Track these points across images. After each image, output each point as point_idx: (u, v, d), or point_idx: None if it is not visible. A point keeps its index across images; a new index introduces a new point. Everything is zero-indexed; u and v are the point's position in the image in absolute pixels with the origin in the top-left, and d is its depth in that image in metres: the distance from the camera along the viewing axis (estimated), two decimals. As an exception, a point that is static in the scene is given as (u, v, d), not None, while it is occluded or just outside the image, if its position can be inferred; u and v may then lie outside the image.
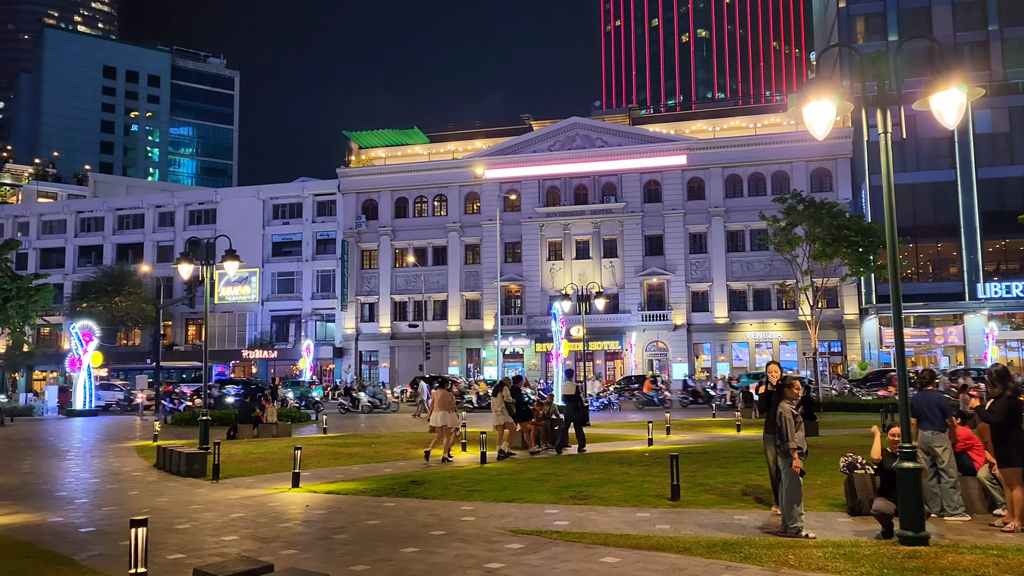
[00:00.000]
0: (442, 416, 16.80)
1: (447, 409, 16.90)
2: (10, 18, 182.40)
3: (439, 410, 16.89)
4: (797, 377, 10.16)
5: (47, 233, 72.24)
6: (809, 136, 54.82)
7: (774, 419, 9.41)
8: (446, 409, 16.89)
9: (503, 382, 18.52)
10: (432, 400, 17.53)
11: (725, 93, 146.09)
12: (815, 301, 41.20)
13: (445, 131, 69.66)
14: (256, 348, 63.97)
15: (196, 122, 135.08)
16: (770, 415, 9.94)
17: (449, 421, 16.84)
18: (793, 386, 9.19)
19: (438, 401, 17.08)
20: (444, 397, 17.12)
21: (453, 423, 17.01)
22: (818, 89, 8.26)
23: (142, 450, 20.47)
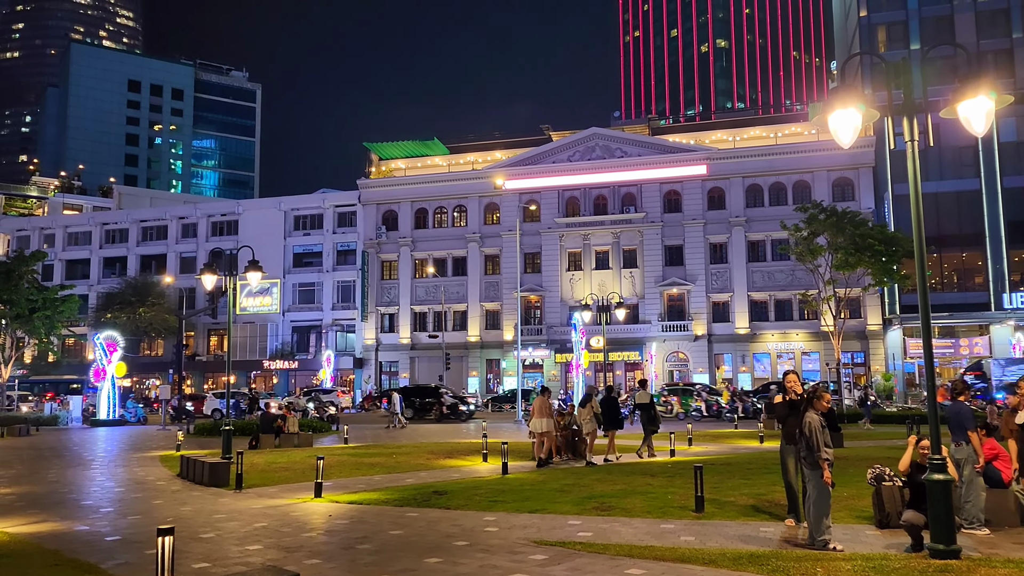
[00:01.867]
0: (544, 422, 17.96)
1: (546, 415, 18.06)
2: (37, 34, 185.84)
3: (539, 416, 18.01)
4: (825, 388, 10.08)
5: (72, 245, 73.21)
6: (830, 145, 54.72)
7: (795, 430, 9.31)
8: (545, 415, 18.04)
9: (590, 393, 19.63)
10: (533, 407, 18.66)
11: (745, 103, 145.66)
12: (838, 311, 40.80)
13: (465, 142, 69.97)
14: (277, 358, 64.34)
15: (219, 134, 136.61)
16: (791, 425, 9.84)
17: (548, 426, 18.04)
18: (823, 397, 9.13)
19: (537, 408, 18.24)
20: (543, 404, 18.30)
21: (551, 428, 18.13)
22: (843, 97, 8.20)
23: (165, 459, 20.61)
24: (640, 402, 20.59)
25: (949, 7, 54.27)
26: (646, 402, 20.44)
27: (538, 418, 18.06)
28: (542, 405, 18.23)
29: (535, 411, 18.30)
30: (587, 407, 18.86)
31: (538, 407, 18.23)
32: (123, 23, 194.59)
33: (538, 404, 18.35)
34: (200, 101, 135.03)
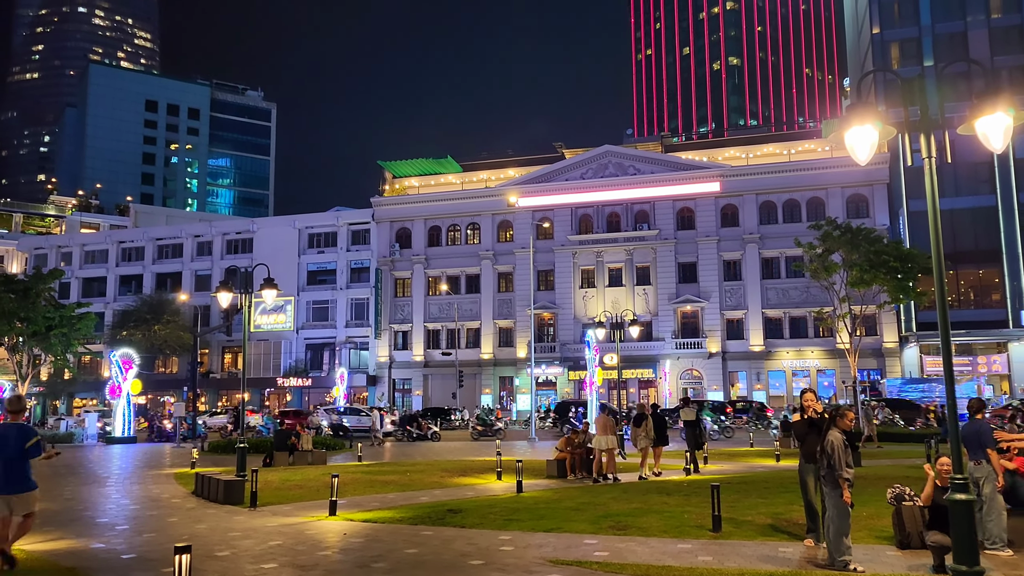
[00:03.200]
0: (608, 440, 18.54)
1: (609, 433, 18.60)
2: (57, 55, 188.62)
3: (603, 433, 18.55)
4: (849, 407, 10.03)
5: (89, 263, 73.85)
6: (844, 162, 54.49)
7: (814, 448, 9.23)
8: (609, 433, 18.59)
9: (642, 411, 20.05)
10: (596, 425, 19.17)
11: (758, 120, 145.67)
12: (853, 328, 40.50)
13: (478, 160, 70.27)
14: (291, 376, 64.49)
15: (234, 153, 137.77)
16: (810, 444, 9.76)
17: (612, 443, 18.63)
18: (847, 416, 9.07)
19: (601, 426, 18.74)
20: (607, 422, 18.79)
21: (610, 445, 18.62)
22: (860, 114, 8.19)
23: (180, 477, 20.64)
24: (686, 419, 21.03)
25: (962, 24, 54.21)
26: (692, 419, 20.87)
27: (602, 435, 18.57)
28: (606, 423, 18.72)
29: (599, 428, 18.81)
30: (643, 426, 19.43)
31: (602, 425, 18.73)
32: (141, 44, 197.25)
33: (602, 422, 18.84)
34: (216, 120, 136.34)
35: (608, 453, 18.49)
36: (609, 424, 18.80)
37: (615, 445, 18.93)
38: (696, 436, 20.51)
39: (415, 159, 68.81)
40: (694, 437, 20.45)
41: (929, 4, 55.10)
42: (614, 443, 18.81)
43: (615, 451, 18.99)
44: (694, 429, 20.55)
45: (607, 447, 18.48)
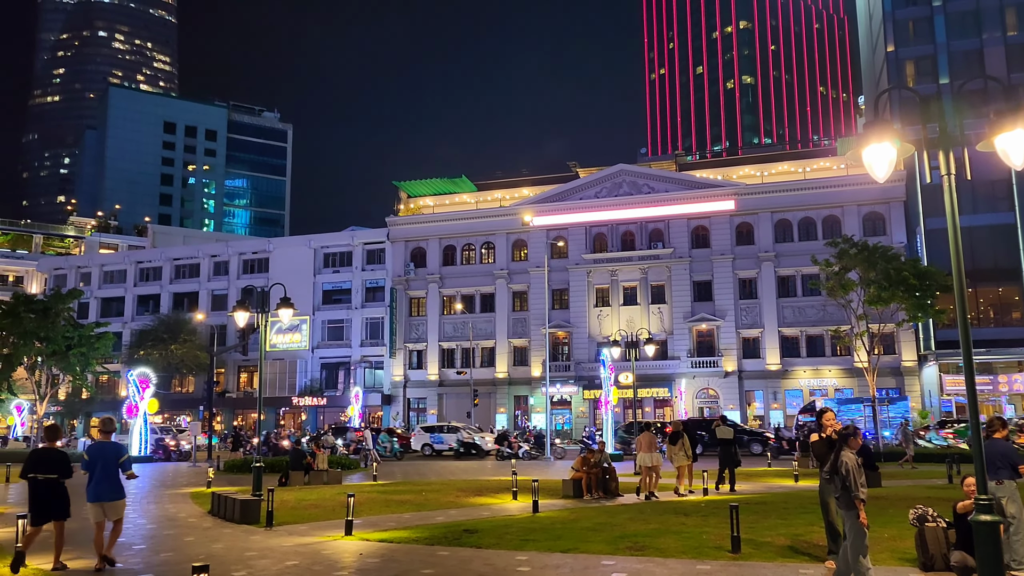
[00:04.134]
0: (650, 457, 18.88)
1: (652, 450, 19.02)
2: (78, 78, 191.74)
3: (646, 451, 18.98)
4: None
5: (108, 283, 74.54)
6: (860, 180, 54.22)
7: (836, 467, 9.14)
8: (652, 450, 19.01)
9: (678, 429, 20.26)
10: (640, 442, 19.67)
11: (772, 138, 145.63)
12: (871, 347, 40.15)
13: (492, 179, 70.52)
14: (306, 395, 64.61)
15: (250, 174, 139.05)
16: (833, 463, 9.65)
17: (656, 461, 18.94)
18: (856, 435, 8.97)
19: (646, 443, 19.22)
20: (650, 439, 19.33)
21: (658, 463, 18.99)
22: (877, 132, 8.17)
23: (196, 496, 20.67)
24: (722, 437, 21.25)
25: (978, 41, 54.09)
26: (728, 437, 21.12)
27: (645, 452, 18.96)
28: (651, 440, 19.19)
29: (642, 446, 19.22)
30: (679, 443, 19.65)
31: (646, 442, 19.14)
32: (160, 67, 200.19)
33: (646, 439, 19.29)
34: (233, 141, 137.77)
35: (654, 470, 18.88)
36: (653, 441, 19.25)
37: (659, 462, 19.16)
38: (732, 455, 20.69)
39: (430, 179, 69.17)
40: (730, 456, 20.61)
41: (944, 22, 55.07)
42: (659, 460, 19.08)
43: (659, 468, 19.33)
44: (729, 448, 20.76)
45: (652, 464, 18.84)
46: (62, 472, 10.51)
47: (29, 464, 10.51)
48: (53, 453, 10.62)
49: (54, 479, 10.43)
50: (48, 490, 10.37)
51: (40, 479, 10.38)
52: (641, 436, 19.77)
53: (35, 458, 10.55)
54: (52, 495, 10.37)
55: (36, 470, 10.41)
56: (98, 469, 10.56)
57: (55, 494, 10.40)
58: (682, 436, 19.88)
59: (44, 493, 10.36)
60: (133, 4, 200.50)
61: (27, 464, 10.55)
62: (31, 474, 10.41)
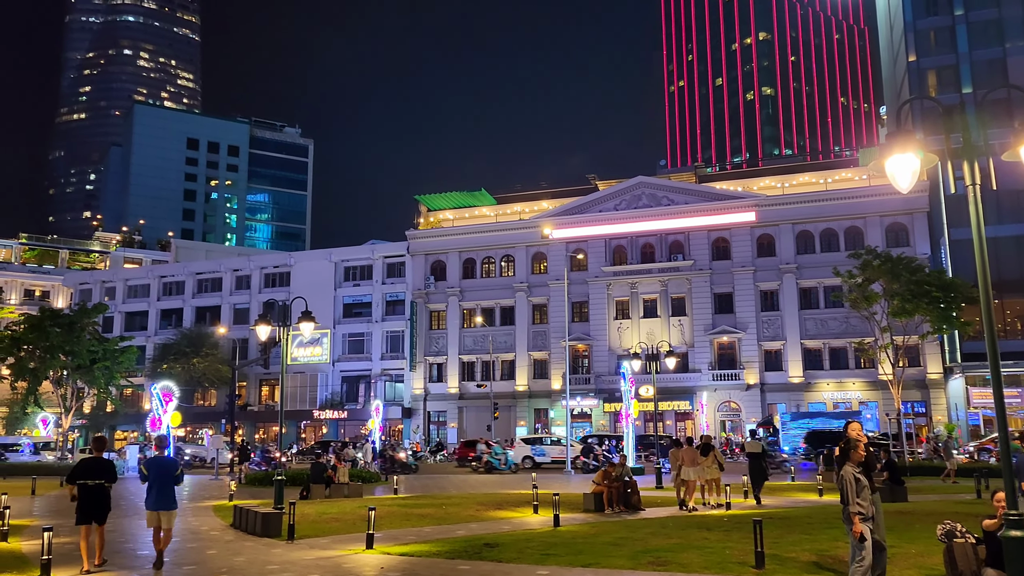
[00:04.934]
0: (693, 471, 19.22)
1: (694, 464, 19.31)
2: (103, 96, 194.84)
3: (689, 465, 19.28)
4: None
5: (132, 297, 75.36)
6: (883, 190, 53.69)
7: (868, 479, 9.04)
8: (693, 464, 19.30)
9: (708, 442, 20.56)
10: (682, 456, 19.72)
11: (793, 149, 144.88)
12: (896, 359, 39.69)
13: (512, 192, 70.67)
14: (327, 408, 64.83)
15: (272, 189, 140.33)
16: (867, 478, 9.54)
17: (696, 475, 19.27)
18: (857, 448, 8.88)
19: (690, 458, 19.41)
20: (691, 453, 19.53)
21: (698, 476, 19.33)
22: (901, 142, 8.11)
23: (218, 509, 20.76)
24: (751, 451, 21.47)
25: (1001, 50, 53.56)
26: (757, 451, 21.31)
27: (689, 466, 19.25)
28: (693, 454, 19.45)
29: (686, 460, 19.37)
30: (710, 455, 19.83)
31: (690, 457, 19.39)
32: (183, 84, 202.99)
33: (689, 453, 19.52)
34: (255, 157, 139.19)
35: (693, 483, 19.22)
36: (695, 455, 19.47)
37: (702, 476, 19.44)
38: (762, 469, 20.86)
39: (449, 192, 69.43)
40: (760, 470, 20.78)
41: (967, 31, 54.61)
42: (701, 474, 19.36)
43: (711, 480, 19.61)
44: (759, 461, 20.85)
45: (694, 478, 19.20)
46: (109, 478, 11.71)
47: (79, 471, 11.64)
48: (101, 461, 11.81)
49: (102, 484, 11.58)
50: (95, 495, 11.48)
51: (90, 484, 11.50)
52: (683, 450, 19.92)
53: (84, 466, 11.70)
54: (98, 500, 11.49)
55: (86, 476, 11.55)
56: (156, 481, 11.91)
57: (100, 499, 11.53)
58: (713, 449, 20.08)
59: (92, 497, 11.47)
60: (158, 23, 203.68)
61: (76, 471, 11.67)
62: (81, 480, 11.53)
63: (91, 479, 11.54)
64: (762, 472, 20.85)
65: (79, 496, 11.50)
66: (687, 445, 20.22)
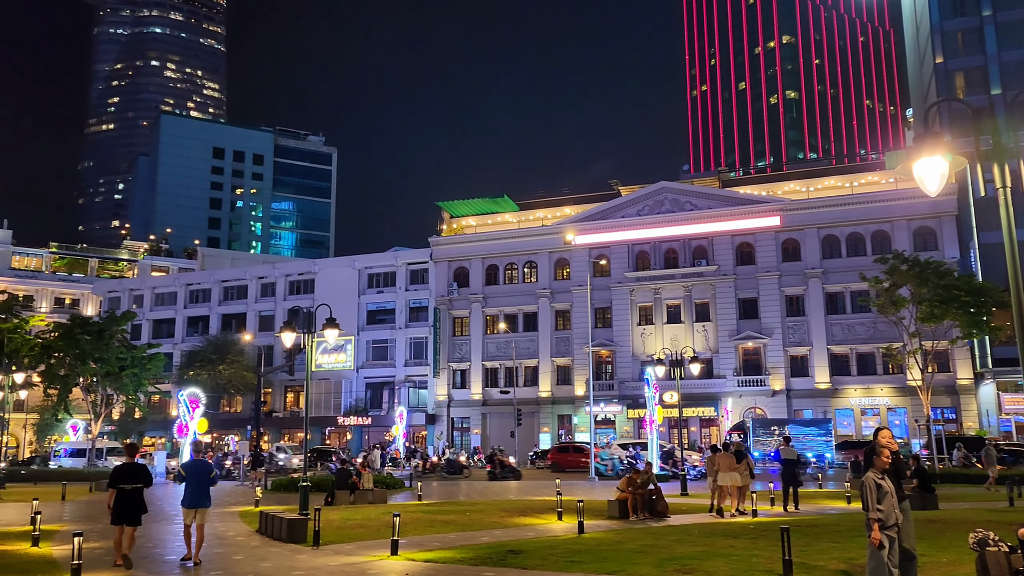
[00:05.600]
0: (729, 476, 19.41)
1: (731, 470, 19.50)
2: (131, 107, 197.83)
3: (726, 471, 19.48)
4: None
5: (159, 305, 76.28)
6: (910, 194, 53.04)
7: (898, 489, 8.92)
8: (731, 470, 19.49)
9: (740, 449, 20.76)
10: (718, 462, 19.87)
11: (817, 153, 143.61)
12: (925, 365, 39.14)
13: (534, 198, 70.68)
14: (351, 415, 65.11)
15: (296, 197, 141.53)
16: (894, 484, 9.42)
17: (731, 480, 19.45)
18: (881, 455, 8.77)
19: (726, 464, 19.57)
20: (728, 459, 19.69)
21: (735, 482, 19.48)
22: (928, 145, 8.01)
23: (245, 515, 20.92)
24: (786, 458, 21.62)
25: (1030, 50, 52.78)
26: (792, 458, 21.56)
27: (725, 472, 19.42)
28: (728, 460, 19.61)
29: (722, 466, 19.54)
30: (743, 463, 19.92)
31: (726, 463, 19.54)
32: (209, 94, 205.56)
33: (726, 460, 19.66)
34: (279, 165, 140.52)
35: (733, 488, 19.46)
36: (731, 461, 19.60)
37: (738, 481, 19.54)
38: (795, 475, 21.16)
39: (472, 199, 69.57)
40: (794, 476, 21.05)
41: (995, 32, 53.90)
42: (737, 480, 19.48)
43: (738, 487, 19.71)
44: (792, 468, 21.12)
45: (730, 483, 19.40)
46: (144, 482, 12.66)
47: (116, 476, 12.52)
48: (136, 467, 12.71)
49: (138, 488, 12.50)
50: (132, 498, 12.40)
51: (127, 488, 12.40)
52: (719, 456, 20.05)
53: (121, 471, 12.60)
54: (133, 503, 12.40)
55: (123, 481, 12.43)
56: (193, 482, 13.19)
57: (136, 502, 12.44)
58: (745, 456, 20.23)
59: (128, 500, 12.36)
60: (184, 34, 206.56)
61: (114, 476, 12.56)
62: (120, 484, 12.40)
63: (128, 484, 12.41)
64: (796, 478, 21.18)
65: (116, 499, 12.33)
66: (723, 451, 20.39)
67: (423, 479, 36.73)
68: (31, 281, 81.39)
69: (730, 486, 19.52)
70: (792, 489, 20.96)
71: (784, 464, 21.53)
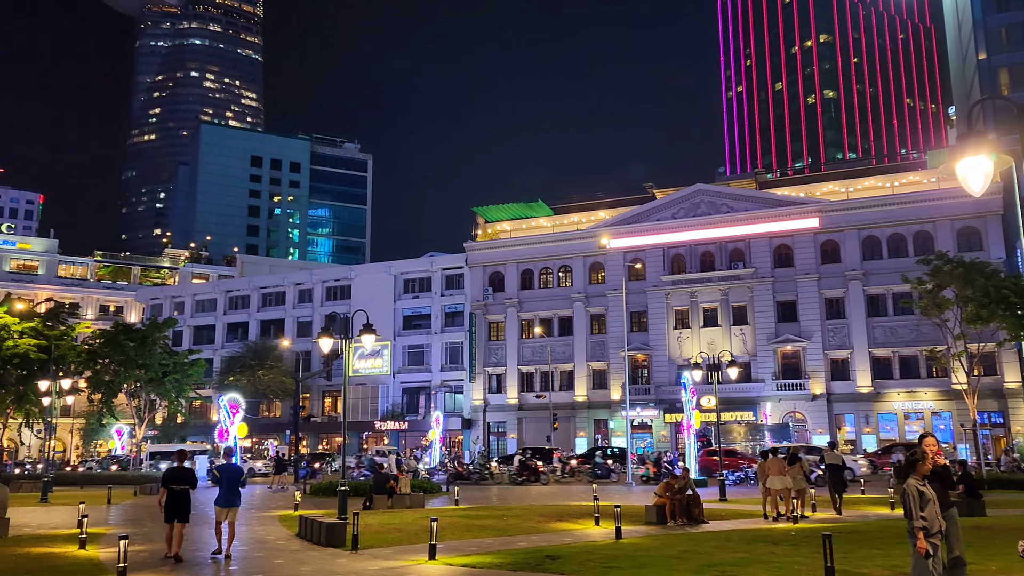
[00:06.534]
0: (780, 480, 19.44)
1: (781, 474, 19.50)
2: (171, 118, 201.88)
3: (776, 474, 19.51)
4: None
5: (200, 311, 77.58)
6: (953, 193, 52.10)
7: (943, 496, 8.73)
8: (780, 474, 19.50)
9: (796, 453, 20.83)
10: (769, 467, 19.88)
11: (857, 153, 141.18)
12: (970, 368, 38.25)
13: (568, 203, 70.53)
14: (388, 420, 65.53)
15: (332, 203, 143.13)
16: (940, 492, 9.22)
17: (782, 484, 19.43)
18: (924, 461, 8.57)
19: (777, 468, 19.59)
20: (778, 464, 19.71)
21: (785, 485, 19.44)
22: (972, 144, 7.83)
23: (284, 519, 21.15)
24: (831, 463, 21.63)
25: (1078, 45, 51.46)
26: (838, 463, 21.55)
27: (775, 476, 19.47)
28: (779, 465, 19.64)
29: (773, 470, 19.60)
30: (797, 466, 19.87)
31: (777, 467, 19.59)
32: (247, 104, 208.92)
33: (776, 464, 19.69)
34: (315, 172, 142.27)
35: (785, 492, 19.47)
36: (781, 465, 19.59)
37: (790, 485, 19.46)
38: (842, 480, 21.30)
39: (506, 204, 69.66)
40: (842, 481, 21.18)
41: (1039, 26, 52.66)
42: (789, 483, 19.42)
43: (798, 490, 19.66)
44: (839, 473, 21.20)
45: (781, 487, 19.41)
46: (191, 484, 14.03)
47: (168, 478, 13.97)
48: (184, 471, 14.12)
49: (186, 489, 13.85)
50: (180, 498, 13.69)
51: (176, 489, 13.75)
52: (770, 461, 20.07)
53: (172, 474, 14.02)
54: (181, 503, 13.68)
55: (173, 483, 13.81)
56: (225, 483, 14.36)
57: (184, 502, 13.73)
58: (800, 460, 20.23)
59: (177, 501, 13.67)
60: (222, 45, 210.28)
61: (165, 477, 14.05)
62: (170, 485, 13.77)
63: (177, 485, 13.79)
64: (843, 483, 21.32)
65: (167, 499, 13.66)
66: (773, 456, 20.42)
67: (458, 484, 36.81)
68: (77, 289, 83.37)
69: (780, 490, 19.54)
70: (838, 494, 20.95)
71: (830, 469, 21.60)
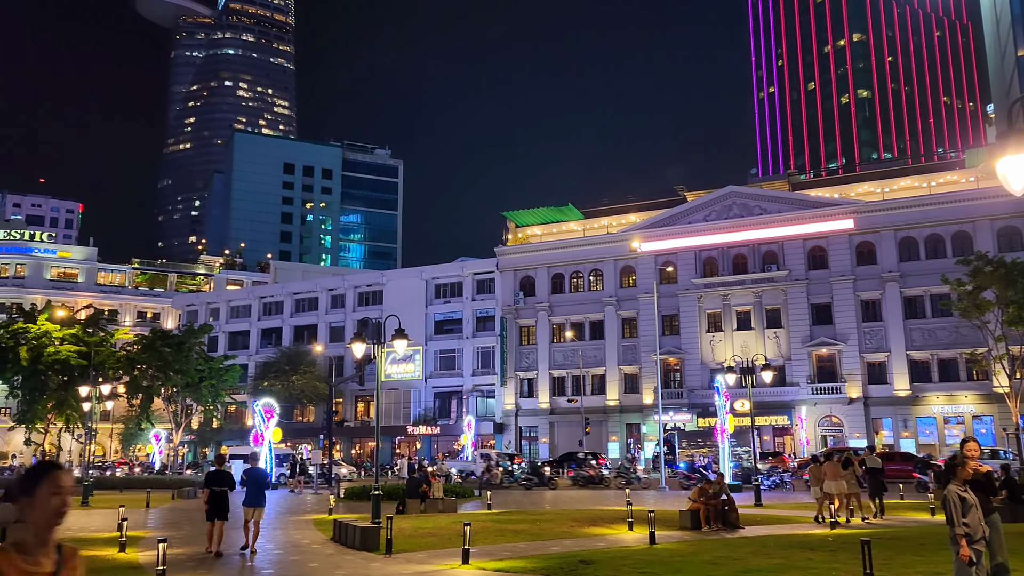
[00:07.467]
0: (836, 485, 19.44)
1: (837, 478, 19.52)
2: (206, 127, 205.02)
3: (832, 479, 19.51)
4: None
5: (234, 317, 78.58)
6: (993, 192, 51.13)
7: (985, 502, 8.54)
8: (837, 478, 19.51)
9: (849, 457, 21.21)
10: (824, 471, 19.94)
11: (892, 153, 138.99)
12: (1012, 370, 37.44)
13: (599, 206, 70.37)
14: (420, 424, 65.76)
15: (364, 209, 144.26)
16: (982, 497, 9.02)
17: (838, 488, 19.51)
18: (966, 465, 8.37)
19: (831, 472, 19.65)
20: (835, 468, 19.76)
21: (841, 490, 19.56)
22: (1013, 142, 7.67)
23: (319, 523, 21.31)
24: (872, 466, 21.81)
25: (1121, 39, 50.19)
26: (878, 466, 21.80)
27: (831, 480, 19.47)
28: (834, 469, 19.69)
29: (828, 474, 19.63)
30: (849, 470, 20.00)
31: (832, 471, 19.63)
32: (280, 112, 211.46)
33: (831, 468, 19.77)
34: (347, 179, 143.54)
35: (839, 497, 19.50)
36: (837, 470, 19.57)
37: (844, 489, 19.53)
38: (882, 483, 21.57)
39: (537, 208, 69.67)
40: (881, 484, 21.44)
41: (1081, 21, 51.48)
42: (844, 487, 19.48)
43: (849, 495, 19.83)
44: (878, 477, 21.51)
45: (837, 492, 19.42)
46: (229, 486, 15.42)
47: (208, 480, 15.50)
48: (223, 474, 15.52)
49: (225, 491, 15.18)
50: (220, 499, 15.02)
51: (216, 490, 15.07)
52: (826, 465, 20.14)
53: (212, 477, 15.49)
54: (221, 502, 14.99)
55: (213, 484, 15.22)
56: (251, 486, 15.62)
57: (223, 502, 15.01)
58: (852, 464, 20.43)
59: (217, 501, 15.00)
60: (255, 55, 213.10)
61: (207, 479, 15.61)
62: (212, 486, 15.14)
63: (217, 487, 15.10)
64: (882, 487, 21.54)
65: (209, 499, 15.00)
66: (826, 460, 20.66)
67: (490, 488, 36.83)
68: (115, 296, 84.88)
69: (837, 493, 19.57)
70: (878, 498, 21.12)
71: (870, 473, 21.71)
